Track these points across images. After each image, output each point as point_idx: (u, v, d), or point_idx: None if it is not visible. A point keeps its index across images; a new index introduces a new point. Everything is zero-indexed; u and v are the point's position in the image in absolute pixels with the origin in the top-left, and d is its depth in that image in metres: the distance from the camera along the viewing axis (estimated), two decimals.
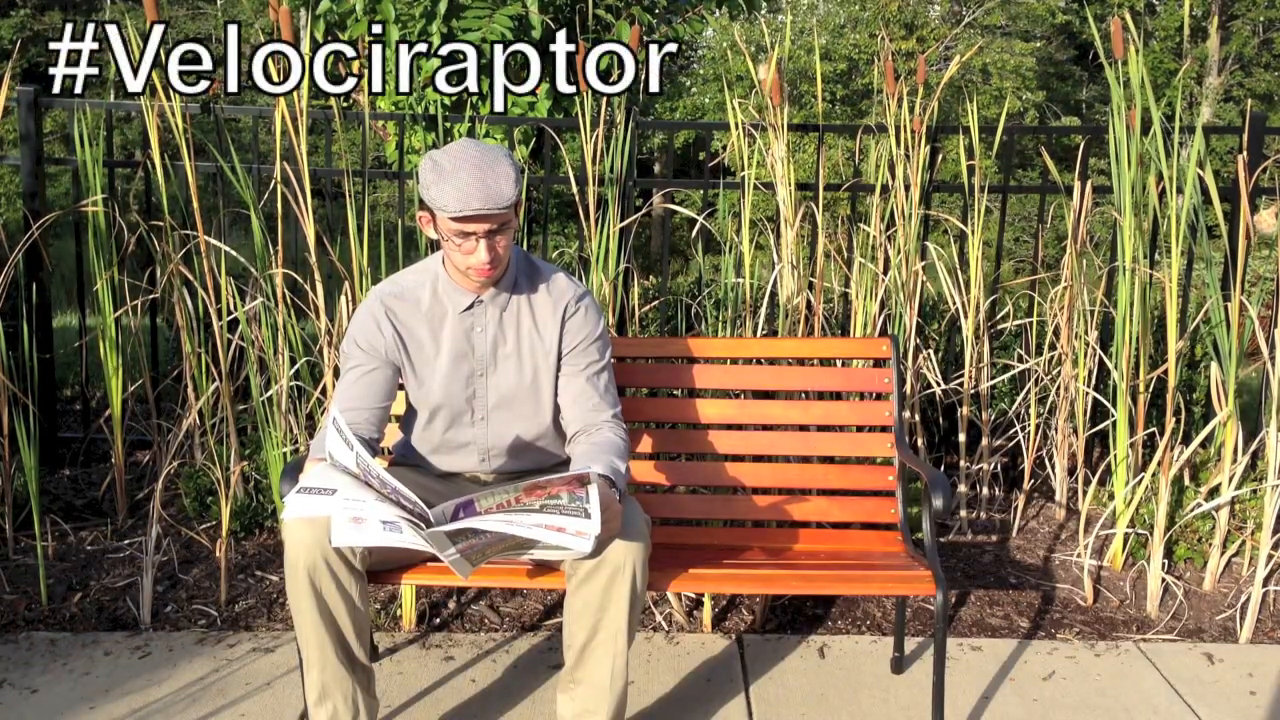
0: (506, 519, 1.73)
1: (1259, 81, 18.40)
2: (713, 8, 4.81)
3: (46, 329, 3.69)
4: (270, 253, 3.23)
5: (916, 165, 3.39)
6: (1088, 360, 3.32)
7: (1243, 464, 3.04)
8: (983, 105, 15.74)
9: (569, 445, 2.22)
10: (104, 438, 3.56)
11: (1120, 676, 2.66)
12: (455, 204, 1.97)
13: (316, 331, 3.23)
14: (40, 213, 3.57)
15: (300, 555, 1.98)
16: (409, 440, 2.30)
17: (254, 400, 3.12)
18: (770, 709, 2.47)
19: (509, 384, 2.20)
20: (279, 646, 2.71)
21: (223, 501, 2.95)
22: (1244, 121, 3.47)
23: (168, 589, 2.98)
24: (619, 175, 3.39)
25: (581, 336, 2.21)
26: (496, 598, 2.98)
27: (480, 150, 2.01)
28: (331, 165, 3.64)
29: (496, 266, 2.08)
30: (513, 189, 2.00)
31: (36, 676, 2.54)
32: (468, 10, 3.95)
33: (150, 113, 3.20)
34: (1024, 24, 19.48)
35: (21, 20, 18.37)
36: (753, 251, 3.34)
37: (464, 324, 2.18)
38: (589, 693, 2.09)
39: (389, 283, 2.22)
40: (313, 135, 3.40)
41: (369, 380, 2.16)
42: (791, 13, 18.35)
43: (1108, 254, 3.53)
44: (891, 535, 2.54)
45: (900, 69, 14.13)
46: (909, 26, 17.78)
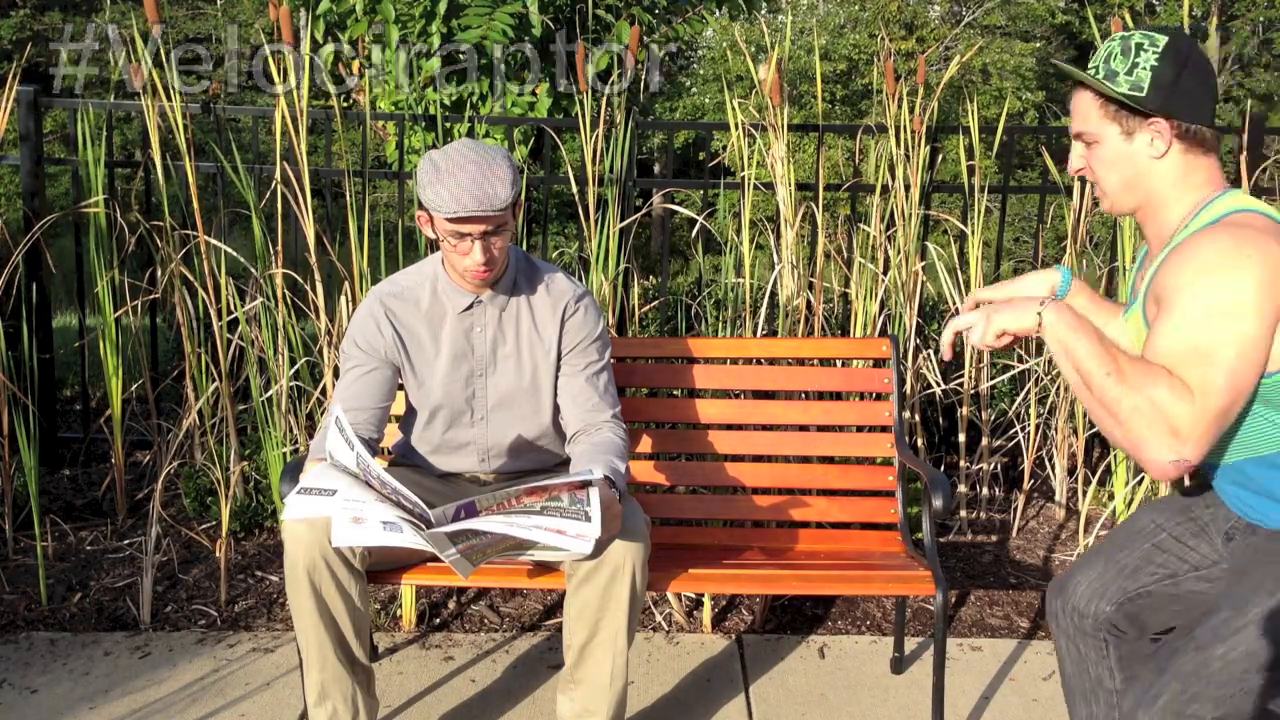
0: (507, 520, 1.73)
1: (1259, 81, 18.40)
2: (713, 8, 4.81)
3: (46, 329, 3.69)
4: (270, 253, 3.23)
5: (916, 165, 3.39)
6: None
7: None
8: (983, 105, 15.74)
9: (569, 445, 2.22)
10: (104, 438, 3.56)
11: None
12: (451, 205, 1.97)
13: (316, 331, 3.23)
14: (40, 213, 3.57)
15: (300, 555, 1.98)
16: (409, 441, 2.30)
17: (254, 400, 3.12)
18: (770, 709, 2.47)
19: (509, 384, 2.20)
20: (279, 646, 2.71)
21: (223, 501, 2.95)
22: (1244, 121, 3.47)
23: (168, 589, 2.98)
24: (619, 175, 3.39)
25: (581, 336, 2.21)
26: (496, 598, 2.98)
27: (479, 152, 2.01)
28: (331, 165, 3.64)
29: (493, 268, 2.08)
30: (509, 191, 2.00)
31: (36, 676, 2.54)
32: (468, 10, 3.95)
33: (150, 113, 3.21)
34: (1024, 24, 19.48)
35: (21, 20, 18.36)
36: (753, 251, 3.34)
37: (463, 324, 2.18)
38: (589, 693, 2.09)
39: (388, 283, 2.22)
40: (313, 135, 3.40)
41: (369, 380, 2.16)
42: (791, 13, 18.35)
43: (1108, 254, 3.53)
44: (891, 535, 2.54)
45: (900, 69, 14.13)
46: (909, 26, 17.78)
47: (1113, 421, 1.51)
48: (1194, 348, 1.49)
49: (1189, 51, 1.60)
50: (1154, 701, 1.60)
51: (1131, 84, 1.61)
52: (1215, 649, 1.59)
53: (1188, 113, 1.61)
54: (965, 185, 3.50)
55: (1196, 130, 1.62)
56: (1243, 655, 1.58)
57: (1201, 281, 1.50)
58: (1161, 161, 1.64)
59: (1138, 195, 1.67)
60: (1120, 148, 1.65)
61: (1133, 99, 1.61)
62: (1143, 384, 1.49)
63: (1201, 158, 1.64)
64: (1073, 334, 1.54)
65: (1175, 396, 1.48)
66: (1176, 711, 1.60)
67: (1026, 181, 13.93)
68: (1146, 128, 1.62)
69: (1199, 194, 1.65)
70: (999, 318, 1.61)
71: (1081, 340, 1.53)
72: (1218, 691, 1.58)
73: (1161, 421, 1.48)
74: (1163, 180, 1.65)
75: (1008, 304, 1.61)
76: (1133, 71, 1.61)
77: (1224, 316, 1.48)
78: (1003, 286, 1.93)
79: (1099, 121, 1.66)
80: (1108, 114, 1.65)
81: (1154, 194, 1.66)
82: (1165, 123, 1.61)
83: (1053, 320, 1.57)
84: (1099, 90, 1.64)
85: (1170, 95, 1.60)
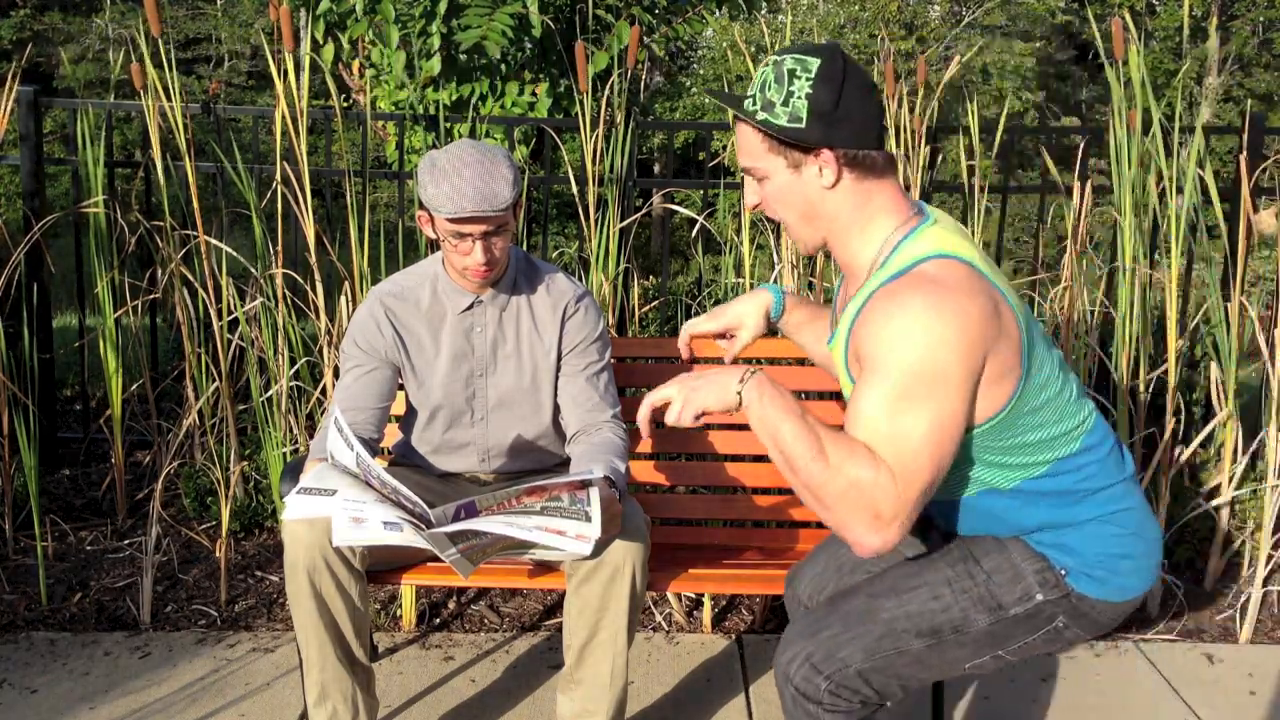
0: (507, 520, 1.73)
1: (1259, 81, 18.39)
2: (713, 8, 4.81)
3: (46, 329, 3.69)
4: (270, 253, 3.23)
5: (916, 165, 3.39)
6: (1087, 360, 3.32)
7: (1243, 464, 3.04)
8: (983, 105, 15.74)
9: (569, 445, 2.22)
10: (104, 438, 3.56)
11: (1120, 676, 2.66)
12: (451, 206, 1.97)
13: (316, 331, 3.23)
14: (40, 213, 3.57)
15: (300, 555, 1.98)
16: (409, 441, 2.30)
17: (254, 400, 3.12)
18: (770, 709, 2.47)
19: (509, 384, 2.20)
20: (279, 646, 2.71)
21: (223, 501, 2.95)
22: (1244, 121, 3.47)
23: (167, 589, 2.98)
24: (619, 175, 3.39)
25: (581, 337, 2.21)
26: (496, 598, 2.98)
27: (479, 152, 2.00)
28: (332, 165, 3.64)
29: (493, 268, 2.08)
30: (510, 192, 1.99)
31: (36, 676, 2.54)
32: (468, 10, 3.94)
33: (151, 113, 3.20)
34: (1024, 24, 19.48)
35: (21, 20, 18.36)
36: (753, 251, 3.34)
37: (463, 324, 2.18)
38: (589, 692, 2.09)
39: (388, 283, 2.22)
40: (313, 135, 3.40)
41: (369, 380, 2.16)
42: (791, 13, 18.34)
43: (1108, 254, 3.53)
44: None
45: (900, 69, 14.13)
46: (909, 26, 17.77)
47: (819, 505, 1.48)
48: (894, 430, 1.45)
49: (845, 73, 1.52)
50: (815, 634, 1.65)
51: (790, 115, 1.52)
52: (884, 600, 1.65)
53: (853, 139, 1.53)
54: (965, 185, 3.50)
55: (865, 156, 1.54)
56: (905, 615, 1.63)
57: (899, 353, 1.44)
58: (834, 192, 1.56)
59: (819, 228, 1.60)
60: (790, 181, 1.57)
61: (793, 132, 1.52)
62: (845, 466, 1.45)
63: (876, 182, 1.56)
64: (776, 415, 1.49)
65: (876, 478, 1.44)
66: (829, 650, 1.64)
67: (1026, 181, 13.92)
68: (813, 160, 1.54)
69: (885, 223, 1.58)
70: (698, 398, 1.54)
71: (785, 422, 1.48)
72: (873, 643, 1.63)
73: (865, 507, 1.44)
74: (840, 210, 1.57)
75: (707, 382, 1.54)
76: (789, 101, 1.52)
77: (922, 396, 1.44)
78: (716, 315, 1.91)
79: (764, 156, 1.57)
80: (772, 148, 1.56)
81: (835, 225, 1.59)
82: (830, 153, 1.53)
83: (754, 400, 1.51)
84: (757, 128, 1.56)
85: (831, 124, 1.51)
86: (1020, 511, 1.64)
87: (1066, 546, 1.62)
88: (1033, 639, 1.65)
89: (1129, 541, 1.63)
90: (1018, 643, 1.65)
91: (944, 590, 1.65)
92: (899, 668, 1.66)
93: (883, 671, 1.65)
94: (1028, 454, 1.59)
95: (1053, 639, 1.66)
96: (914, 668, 1.66)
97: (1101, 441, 1.64)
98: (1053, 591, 1.62)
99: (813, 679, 1.64)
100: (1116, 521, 1.62)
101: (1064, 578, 1.62)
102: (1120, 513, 1.63)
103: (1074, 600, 1.62)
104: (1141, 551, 1.63)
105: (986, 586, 1.64)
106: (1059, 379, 1.59)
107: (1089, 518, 1.62)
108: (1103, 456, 1.63)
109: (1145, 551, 1.64)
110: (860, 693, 1.65)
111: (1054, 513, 1.62)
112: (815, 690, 1.64)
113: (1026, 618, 1.63)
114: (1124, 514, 1.63)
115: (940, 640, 1.64)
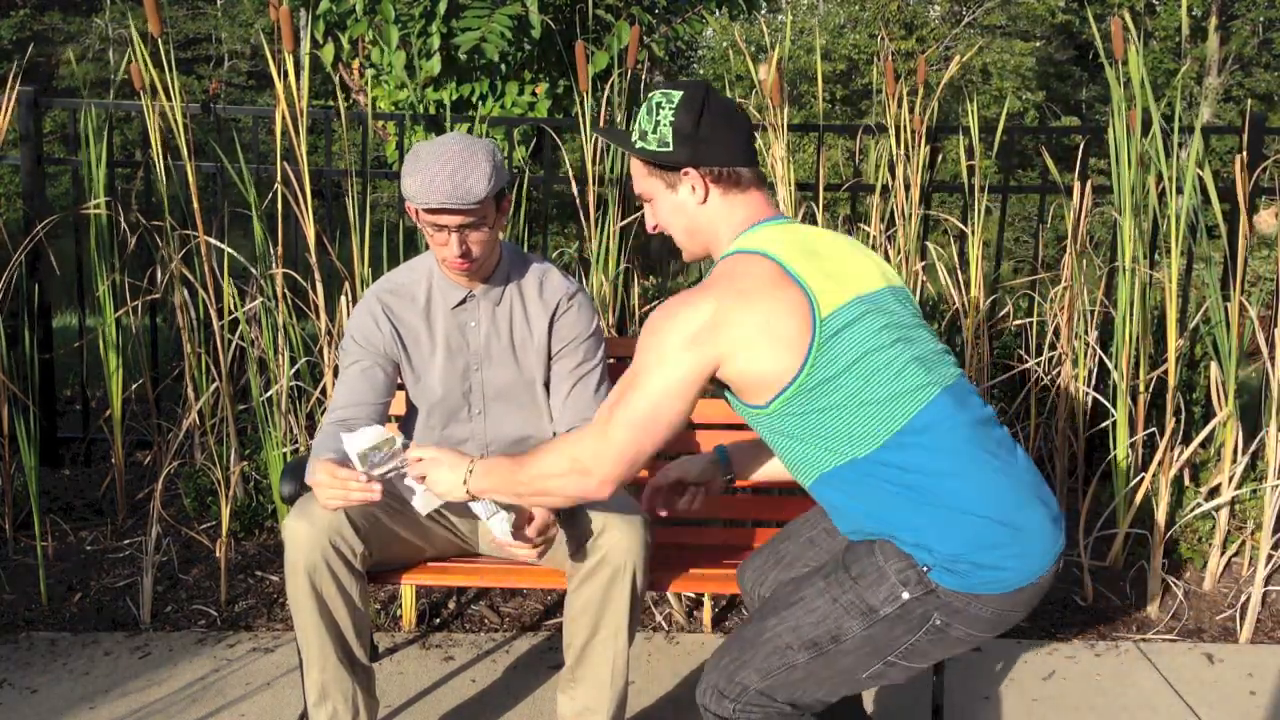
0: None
1: (1259, 81, 18.40)
2: (713, 8, 4.81)
3: (47, 329, 3.69)
4: (270, 253, 3.23)
5: (916, 165, 3.39)
6: (1088, 360, 3.32)
7: (1243, 464, 3.04)
8: (983, 105, 15.74)
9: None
10: (104, 438, 3.56)
11: (1120, 677, 2.66)
12: (420, 196, 1.96)
13: (316, 331, 3.23)
14: (40, 213, 3.57)
15: (300, 555, 1.98)
16: (410, 440, 2.30)
17: (254, 400, 3.12)
18: None
19: (504, 378, 2.20)
20: (279, 646, 2.71)
21: (223, 501, 2.95)
22: (1244, 121, 3.47)
23: (168, 589, 2.98)
24: (619, 175, 3.39)
25: (572, 336, 2.20)
26: (496, 598, 2.98)
27: (462, 145, 1.99)
28: (332, 165, 3.64)
29: (471, 261, 2.06)
30: (484, 187, 1.98)
31: (36, 676, 2.55)
32: (467, 10, 3.95)
33: (151, 113, 3.20)
34: (1024, 24, 19.49)
35: (21, 20, 18.36)
36: None
37: (457, 318, 2.18)
38: (589, 692, 2.09)
39: (385, 279, 2.22)
40: (313, 135, 3.40)
41: (368, 377, 2.16)
42: (791, 13, 18.35)
43: (1108, 254, 3.53)
44: None
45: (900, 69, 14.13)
46: (909, 26, 17.79)
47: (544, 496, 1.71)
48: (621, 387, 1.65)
49: (705, 101, 1.70)
50: (718, 663, 1.73)
51: (659, 140, 1.71)
52: (768, 621, 1.70)
53: (715, 157, 1.71)
54: (965, 185, 3.50)
55: (729, 172, 1.72)
56: (787, 630, 1.68)
57: (651, 325, 1.64)
58: (706, 206, 1.73)
59: (701, 240, 1.77)
60: (670, 200, 1.76)
61: (663, 155, 1.71)
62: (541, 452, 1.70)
63: (741, 195, 1.73)
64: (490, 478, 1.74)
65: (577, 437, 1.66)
66: (729, 675, 1.71)
67: (1026, 181, 13.92)
68: (683, 179, 1.73)
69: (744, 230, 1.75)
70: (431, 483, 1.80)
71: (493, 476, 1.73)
72: (763, 663, 1.69)
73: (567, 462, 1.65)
74: (713, 222, 1.74)
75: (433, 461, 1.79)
76: (657, 129, 1.71)
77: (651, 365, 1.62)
78: (667, 471, 2.06)
79: (646, 179, 1.77)
80: (651, 171, 1.76)
81: (712, 236, 1.76)
82: (696, 171, 1.71)
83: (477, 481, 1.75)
84: (635, 154, 1.76)
85: (695, 145, 1.70)
86: (862, 506, 1.64)
87: (923, 543, 1.59)
88: (915, 640, 1.63)
89: (989, 530, 1.58)
90: (902, 645, 1.63)
91: (818, 602, 1.66)
92: (794, 684, 1.68)
93: (783, 689, 1.69)
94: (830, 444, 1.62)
95: (939, 638, 1.63)
96: (809, 682, 1.68)
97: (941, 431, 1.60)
98: (918, 589, 1.60)
99: (722, 704, 1.72)
100: (973, 509, 1.58)
101: (927, 574, 1.59)
102: (978, 500, 1.58)
103: (942, 596, 1.59)
104: (1006, 539, 1.58)
105: (855, 591, 1.63)
106: (890, 378, 1.60)
107: (939, 508, 1.58)
108: (938, 447, 1.59)
109: (1012, 539, 1.59)
110: (768, 708, 1.70)
111: (899, 508, 1.60)
112: (727, 713, 1.72)
113: (899, 618, 1.61)
114: (982, 501, 1.59)
115: (822, 652, 1.65)
